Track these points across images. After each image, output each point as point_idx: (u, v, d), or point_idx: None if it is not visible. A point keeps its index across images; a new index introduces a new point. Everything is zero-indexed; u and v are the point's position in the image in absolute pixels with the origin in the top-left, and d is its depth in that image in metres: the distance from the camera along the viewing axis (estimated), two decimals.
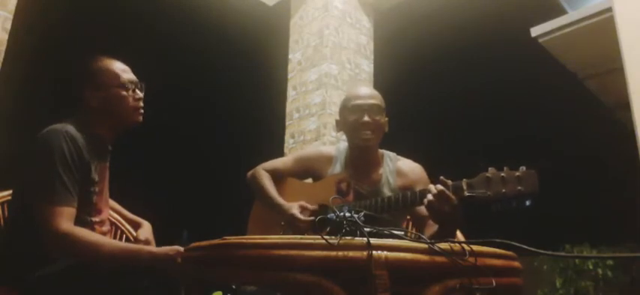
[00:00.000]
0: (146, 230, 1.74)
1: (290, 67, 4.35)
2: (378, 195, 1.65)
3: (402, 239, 0.99)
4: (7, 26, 2.61)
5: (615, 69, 2.78)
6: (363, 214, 1.05)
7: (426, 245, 0.93)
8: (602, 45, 2.93)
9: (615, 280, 4.51)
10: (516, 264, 1.10)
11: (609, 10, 2.54)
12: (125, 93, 1.56)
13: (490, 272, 0.97)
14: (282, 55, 4.44)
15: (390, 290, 0.85)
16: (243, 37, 5.36)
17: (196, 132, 6.91)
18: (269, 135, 4.82)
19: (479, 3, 4.64)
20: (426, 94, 6.83)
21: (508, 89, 6.46)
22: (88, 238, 1.37)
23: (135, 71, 1.64)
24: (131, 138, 1.67)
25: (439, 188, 1.30)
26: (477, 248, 0.99)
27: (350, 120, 1.74)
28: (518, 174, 1.22)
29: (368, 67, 4.32)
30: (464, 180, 1.30)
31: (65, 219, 1.34)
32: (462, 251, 0.95)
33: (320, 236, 0.91)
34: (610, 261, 4.49)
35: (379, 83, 4.22)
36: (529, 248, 1.02)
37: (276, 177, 1.86)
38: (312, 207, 1.63)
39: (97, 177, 1.51)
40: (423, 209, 1.36)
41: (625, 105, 1.85)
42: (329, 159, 1.86)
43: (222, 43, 5.68)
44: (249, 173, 1.90)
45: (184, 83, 6.24)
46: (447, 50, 5.95)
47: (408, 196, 1.45)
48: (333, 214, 1.04)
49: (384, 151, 1.83)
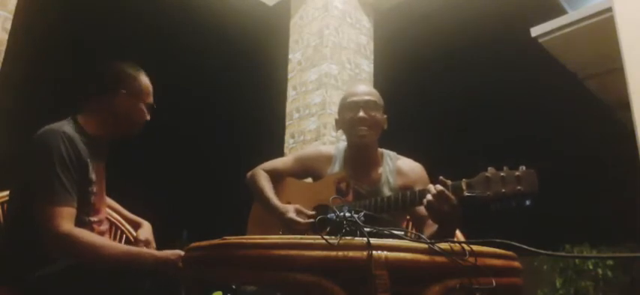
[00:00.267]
0: (146, 231, 1.74)
1: (290, 67, 4.35)
2: (377, 195, 1.64)
3: (402, 239, 0.99)
4: (7, 26, 2.61)
5: (615, 69, 2.77)
6: (362, 214, 1.05)
7: (426, 245, 0.93)
8: (602, 45, 2.93)
9: (615, 280, 4.51)
10: (516, 264, 1.10)
11: (609, 10, 2.54)
12: (145, 111, 1.62)
13: (490, 272, 0.97)
14: (282, 55, 4.44)
15: (390, 290, 0.85)
16: (243, 37, 5.36)
17: (196, 132, 6.91)
18: (269, 135, 4.81)
19: (479, 3, 4.64)
20: (426, 94, 6.84)
21: (508, 89, 6.46)
22: (88, 239, 1.36)
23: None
24: (131, 138, 1.67)
25: (438, 188, 1.30)
26: (477, 248, 0.99)
27: (347, 118, 1.74)
28: (517, 173, 1.22)
29: (368, 67, 4.32)
30: (463, 180, 1.30)
31: (65, 219, 1.34)
32: (462, 251, 0.95)
33: (320, 236, 0.91)
34: (610, 261, 4.49)
35: (379, 83, 4.22)
36: (529, 248, 1.02)
37: (276, 177, 1.86)
38: (310, 213, 1.62)
39: (94, 177, 1.51)
40: (422, 209, 1.36)
41: (625, 105, 1.85)
42: (328, 158, 1.85)
43: (222, 43, 5.68)
44: (248, 173, 1.90)
45: (184, 83, 6.23)
46: (447, 50, 5.95)
47: (407, 196, 1.45)
48: (332, 214, 1.04)
49: (383, 150, 1.83)
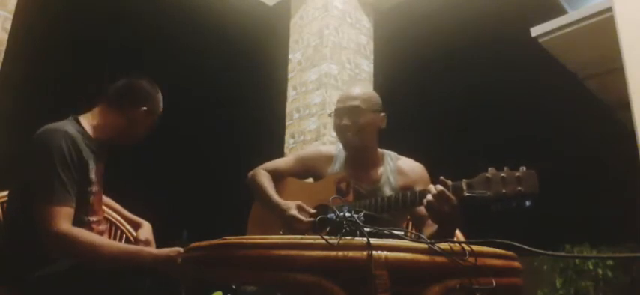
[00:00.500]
0: (146, 231, 1.74)
1: (290, 67, 4.34)
2: (377, 195, 1.65)
3: (402, 239, 0.99)
4: (7, 26, 2.61)
5: (615, 69, 2.77)
6: (363, 214, 1.05)
7: (426, 245, 0.93)
8: (602, 45, 2.92)
9: (615, 280, 4.51)
10: (516, 264, 1.10)
11: (609, 10, 2.54)
12: (152, 127, 1.67)
13: (490, 272, 0.97)
14: (282, 55, 4.43)
15: (390, 290, 0.85)
16: (243, 37, 5.35)
17: (196, 132, 6.90)
18: (269, 135, 4.81)
19: (479, 3, 4.63)
20: (426, 94, 6.83)
21: (508, 89, 6.45)
22: (87, 239, 1.37)
23: (135, 71, 1.67)
24: (131, 145, 1.69)
25: (439, 188, 1.30)
26: (477, 248, 0.99)
27: (335, 124, 1.80)
28: (518, 174, 1.22)
29: (368, 67, 4.31)
30: (464, 181, 1.30)
31: (64, 219, 1.34)
32: (462, 251, 0.95)
33: (320, 236, 0.91)
34: (610, 261, 4.49)
35: (379, 83, 4.22)
36: (529, 248, 1.02)
37: (277, 176, 1.86)
38: (312, 211, 1.62)
39: (94, 177, 1.51)
40: (422, 209, 1.36)
41: (625, 105, 1.85)
42: (329, 158, 1.86)
43: (222, 43, 5.67)
44: (249, 173, 1.89)
45: (184, 83, 6.22)
46: (447, 50, 5.94)
47: (407, 196, 1.45)
48: (333, 214, 1.04)
49: (384, 151, 1.83)
